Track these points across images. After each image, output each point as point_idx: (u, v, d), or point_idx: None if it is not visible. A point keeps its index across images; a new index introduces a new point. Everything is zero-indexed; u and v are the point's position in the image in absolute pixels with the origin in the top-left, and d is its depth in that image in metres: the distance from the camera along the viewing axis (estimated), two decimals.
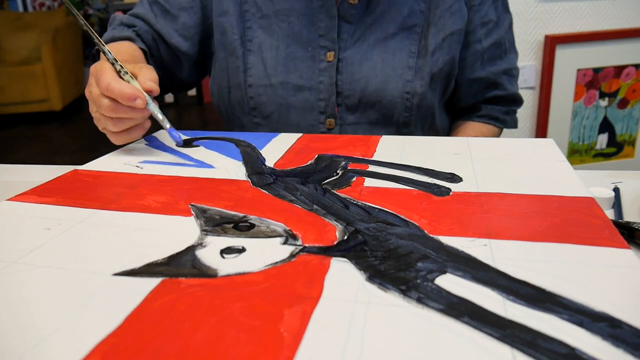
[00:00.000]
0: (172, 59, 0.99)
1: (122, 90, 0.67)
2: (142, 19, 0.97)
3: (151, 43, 0.96)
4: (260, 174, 0.63)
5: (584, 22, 1.85)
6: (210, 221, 0.51)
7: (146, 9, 0.97)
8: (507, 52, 0.99)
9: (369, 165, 0.65)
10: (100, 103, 0.70)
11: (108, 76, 0.69)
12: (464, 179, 0.60)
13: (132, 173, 0.66)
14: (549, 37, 1.82)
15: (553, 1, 1.81)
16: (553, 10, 1.82)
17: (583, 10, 1.84)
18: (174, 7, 0.95)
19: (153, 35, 0.96)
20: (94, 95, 0.71)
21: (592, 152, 2.01)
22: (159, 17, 0.96)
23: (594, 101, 1.95)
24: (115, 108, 0.69)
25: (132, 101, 0.68)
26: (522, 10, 1.79)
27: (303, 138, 0.78)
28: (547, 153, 0.69)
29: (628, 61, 1.92)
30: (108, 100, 0.69)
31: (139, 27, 0.96)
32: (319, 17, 0.90)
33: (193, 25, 0.96)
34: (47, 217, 0.53)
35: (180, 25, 0.95)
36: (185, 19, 0.95)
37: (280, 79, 0.91)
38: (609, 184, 0.67)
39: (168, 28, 0.95)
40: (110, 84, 0.68)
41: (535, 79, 1.87)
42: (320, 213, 0.52)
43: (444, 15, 0.91)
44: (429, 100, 0.92)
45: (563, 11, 1.82)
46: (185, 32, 0.96)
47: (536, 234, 0.46)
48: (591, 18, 1.85)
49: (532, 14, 1.80)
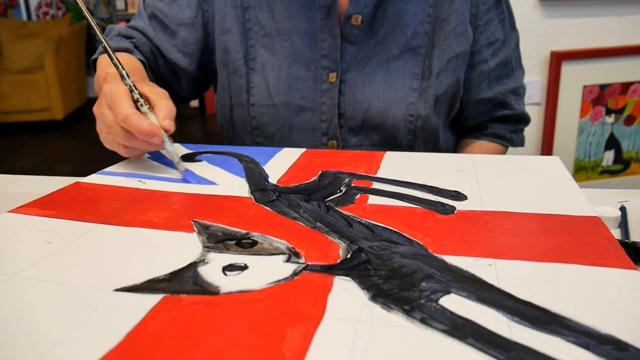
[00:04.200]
0: (170, 73, 0.98)
1: (140, 127, 0.64)
2: (140, 31, 0.96)
3: (149, 56, 0.95)
4: (263, 191, 0.63)
5: (590, 39, 1.85)
6: (213, 237, 0.50)
7: (145, 22, 0.96)
8: (514, 70, 0.99)
9: (373, 182, 0.65)
10: (115, 131, 0.67)
11: (126, 106, 0.65)
12: (469, 197, 0.60)
13: (134, 188, 0.65)
14: (554, 53, 1.82)
15: (559, 17, 1.81)
16: (559, 27, 1.82)
17: (589, 26, 1.84)
18: (173, 22, 0.94)
19: (151, 48, 0.95)
20: (107, 120, 0.68)
21: (598, 169, 2.00)
22: (157, 31, 0.95)
23: (600, 118, 1.94)
24: (130, 139, 0.67)
25: (149, 138, 0.65)
26: (528, 26, 1.79)
27: (307, 154, 0.78)
28: (553, 171, 0.68)
29: (635, 78, 1.91)
30: (123, 130, 0.66)
31: (137, 39, 0.95)
32: (321, 37, 0.90)
33: (193, 42, 0.95)
34: (49, 230, 0.53)
35: (179, 41, 0.94)
36: (185, 35, 0.94)
37: (283, 99, 0.90)
38: (616, 202, 0.67)
39: (167, 43, 0.95)
40: (129, 118, 0.64)
41: (541, 95, 1.87)
42: (323, 231, 0.51)
43: (448, 36, 0.90)
44: (433, 123, 0.91)
45: (569, 27, 1.82)
46: (185, 48, 0.95)
47: (541, 254, 0.46)
48: (597, 34, 1.85)
49: (538, 29, 1.80)
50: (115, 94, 0.67)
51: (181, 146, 0.83)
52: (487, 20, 0.93)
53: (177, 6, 0.94)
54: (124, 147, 0.69)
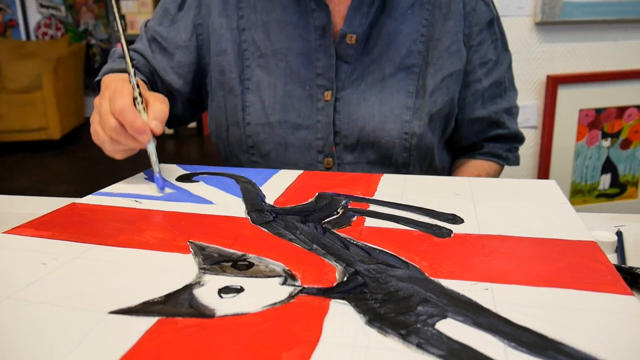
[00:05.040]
0: (167, 94, 0.98)
1: (133, 121, 0.68)
2: (140, 53, 0.98)
3: (149, 76, 0.97)
4: (260, 212, 0.63)
5: (586, 63, 1.87)
6: (209, 259, 0.50)
7: (144, 45, 0.98)
8: (507, 91, 1.00)
9: (370, 204, 0.65)
10: (106, 120, 0.70)
11: (125, 100, 0.69)
12: (466, 220, 0.60)
13: (131, 208, 0.65)
14: (551, 77, 1.83)
15: (555, 42, 1.82)
16: (555, 51, 1.83)
17: (584, 51, 1.85)
18: (171, 45, 0.96)
19: (150, 69, 0.98)
20: (102, 110, 0.71)
21: (595, 193, 2.01)
22: (156, 53, 0.97)
23: (597, 141, 1.95)
24: (119, 132, 0.70)
25: (138, 134, 0.68)
26: (524, 50, 1.81)
27: (304, 175, 0.78)
28: (550, 195, 0.68)
29: (630, 102, 1.92)
30: (115, 121, 0.69)
31: (137, 61, 0.97)
32: (316, 57, 0.91)
33: (187, 64, 0.97)
34: (43, 252, 0.53)
35: (175, 63, 0.96)
36: (181, 57, 0.96)
37: (279, 117, 0.91)
38: (612, 227, 0.67)
39: (164, 64, 0.96)
40: (125, 110, 0.68)
41: (537, 118, 1.88)
42: (319, 253, 0.51)
43: (442, 55, 0.91)
44: (427, 141, 0.91)
45: (565, 52, 1.84)
46: (180, 70, 0.96)
47: (538, 279, 0.46)
48: (593, 59, 1.86)
49: (534, 54, 1.82)
50: (119, 88, 0.70)
51: (178, 167, 0.83)
52: (480, 40, 0.94)
53: (175, 29, 0.96)
54: (110, 140, 0.71)
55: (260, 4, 0.93)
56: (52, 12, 5.46)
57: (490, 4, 0.97)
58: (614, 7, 1.80)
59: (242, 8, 0.93)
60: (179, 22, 0.96)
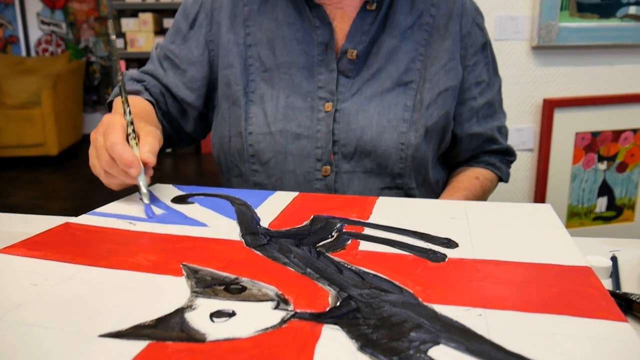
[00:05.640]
0: (179, 112, 1.02)
1: (122, 156, 0.70)
2: (150, 74, 1.01)
3: (159, 97, 1.00)
4: (255, 235, 0.63)
5: (582, 87, 1.88)
6: (202, 282, 0.50)
7: (155, 65, 1.02)
8: (497, 113, 1.06)
9: (365, 227, 0.65)
10: (101, 156, 0.73)
11: (116, 136, 0.71)
12: (460, 245, 0.59)
13: (125, 229, 0.65)
14: (547, 100, 1.84)
15: (551, 65, 1.84)
16: (551, 75, 1.84)
17: (580, 75, 1.86)
18: (184, 62, 1.00)
19: (161, 89, 1.00)
20: (97, 145, 0.73)
21: (591, 216, 2.01)
22: (168, 71, 1.00)
23: (593, 164, 1.95)
24: (111, 165, 0.72)
25: (127, 168, 0.71)
26: (520, 73, 1.82)
27: (299, 197, 0.78)
28: (545, 219, 0.68)
29: (626, 126, 1.93)
30: (108, 156, 0.71)
31: (147, 82, 1.00)
32: (318, 71, 0.94)
33: (200, 79, 1.00)
34: (35, 272, 0.52)
35: (187, 79, 0.99)
36: (193, 73, 0.99)
37: (280, 127, 0.93)
38: (607, 252, 0.67)
39: (176, 81, 0.99)
40: (115, 145, 0.70)
41: (534, 141, 1.89)
42: (313, 277, 0.51)
43: (439, 72, 0.95)
44: (422, 152, 0.94)
45: (561, 76, 1.85)
46: (192, 85, 0.99)
47: (532, 305, 0.45)
48: (589, 83, 1.88)
49: (531, 77, 1.83)
50: (112, 123, 0.73)
51: (174, 187, 0.83)
52: (475, 62, 0.99)
53: (187, 47, 1.00)
54: (105, 173, 0.74)
55: (267, 22, 0.96)
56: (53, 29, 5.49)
57: (484, 29, 1.02)
58: (609, 32, 1.82)
59: (249, 26, 0.97)
60: (191, 39, 1.00)
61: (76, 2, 5.48)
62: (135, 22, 4.77)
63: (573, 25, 1.79)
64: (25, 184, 4.25)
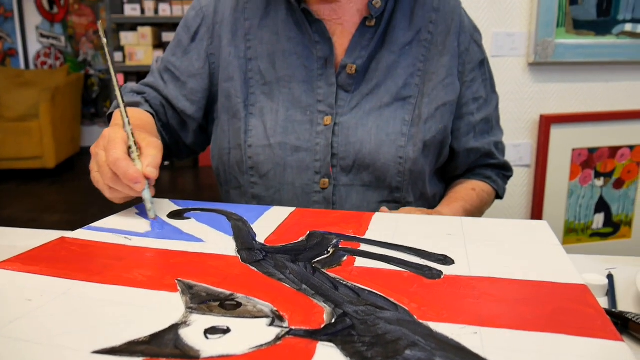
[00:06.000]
0: (179, 123, 1.03)
1: (126, 172, 0.70)
2: (151, 87, 1.03)
3: (159, 108, 1.01)
4: (250, 250, 0.63)
5: (578, 103, 1.89)
6: (196, 298, 0.50)
7: (156, 77, 1.03)
8: (494, 129, 1.07)
9: (361, 243, 0.65)
10: (104, 171, 0.72)
11: (118, 151, 0.71)
12: (456, 261, 0.59)
13: (120, 244, 0.65)
14: (544, 116, 1.85)
15: (548, 82, 1.85)
16: (548, 91, 1.85)
17: (577, 91, 1.88)
18: (184, 74, 1.01)
19: (161, 101, 1.01)
20: (99, 160, 0.73)
21: (588, 232, 2.01)
22: (168, 83, 1.01)
23: (590, 181, 1.96)
24: (115, 181, 0.72)
25: (132, 183, 0.71)
26: (517, 89, 1.83)
27: (296, 213, 0.78)
28: (541, 236, 0.68)
29: (623, 142, 1.94)
30: (111, 172, 0.71)
31: (147, 94, 1.01)
32: (318, 85, 0.95)
33: (200, 91, 1.01)
34: (29, 287, 0.52)
35: (188, 91, 1.00)
36: (194, 85, 1.00)
37: (279, 139, 0.94)
38: (603, 269, 0.67)
39: (176, 93, 1.00)
40: (118, 162, 0.70)
41: (531, 157, 1.89)
42: (308, 293, 0.51)
43: (437, 87, 0.96)
44: (420, 166, 0.95)
45: (557, 92, 1.86)
46: (192, 97, 1.00)
47: (528, 323, 0.45)
48: (585, 99, 1.89)
49: (527, 93, 1.84)
50: (113, 138, 0.73)
51: (170, 202, 0.83)
52: (472, 78, 1.00)
53: (188, 60, 1.01)
54: (108, 188, 0.74)
55: (267, 36, 0.97)
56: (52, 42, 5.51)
57: (481, 46, 1.03)
58: (605, 49, 1.84)
59: (250, 40, 0.98)
60: (192, 52, 1.01)
61: (75, 16, 5.51)
62: (134, 35, 4.80)
63: (569, 42, 1.80)
64: (22, 197, 4.24)
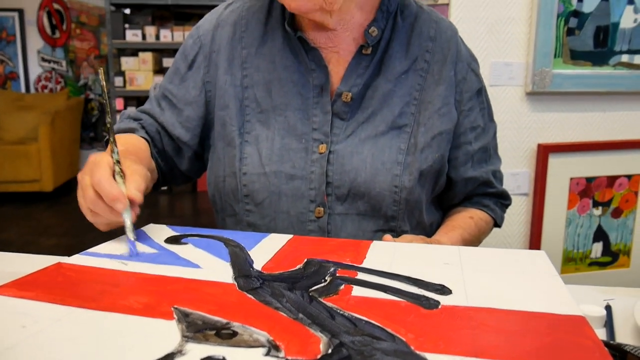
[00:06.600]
0: (174, 150, 1.04)
1: (109, 191, 0.71)
2: (148, 113, 1.04)
3: (155, 135, 1.02)
4: (247, 277, 0.62)
5: (576, 133, 1.90)
6: (192, 326, 0.49)
7: (152, 104, 1.04)
8: (492, 158, 1.07)
9: (358, 272, 0.65)
10: (86, 193, 0.73)
11: (102, 172, 0.72)
12: (454, 291, 0.59)
13: (117, 270, 0.65)
14: (541, 145, 1.85)
15: (545, 111, 1.86)
16: (545, 120, 1.87)
17: (574, 121, 1.89)
18: (181, 102, 1.01)
19: (157, 127, 1.02)
20: (84, 184, 0.74)
21: (587, 261, 2.00)
22: (165, 110, 1.02)
23: (588, 210, 1.96)
24: (96, 203, 0.73)
25: (113, 202, 0.71)
26: (515, 118, 1.84)
27: (293, 240, 0.78)
28: (539, 266, 0.68)
29: (620, 172, 1.95)
30: (94, 193, 0.73)
31: (144, 120, 1.02)
32: (313, 113, 0.95)
33: (196, 118, 1.01)
34: (24, 313, 0.52)
35: (184, 118, 1.01)
36: (190, 113, 1.01)
37: (274, 168, 0.94)
38: (601, 300, 0.67)
39: (173, 120, 1.01)
40: (101, 181, 0.71)
41: (529, 186, 1.89)
42: (305, 323, 0.51)
43: (432, 116, 0.95)
44: (416, 195, 0.94)
45: (555, 121, 1.87)
46: (188, 124, 1.01)
47: (525, 355, 0.45)
48: (582, 129, 1.90)
49: (525, 122, 1.85)
50: (98, 162, 0.75)
51: (168, 228, 0.83)
52: (470, 107, 1.00)
53: (184, 87, 1.02)
54: (90, 211, 0.75)
55: (264, 64, 0.98)
56: (53, 66, 5.55)
57: (479, 75, 1.04)
58: (602, 79, 1.85)
59: (246, 68, 0.98)
60: (189, 80, 1.02)
61: (77, 40, 5.56)
62: (135, 61, 4.84)
63: (567, 72, 1.82)
64: (19, 220, 4.23)
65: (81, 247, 0.73)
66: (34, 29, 5.47)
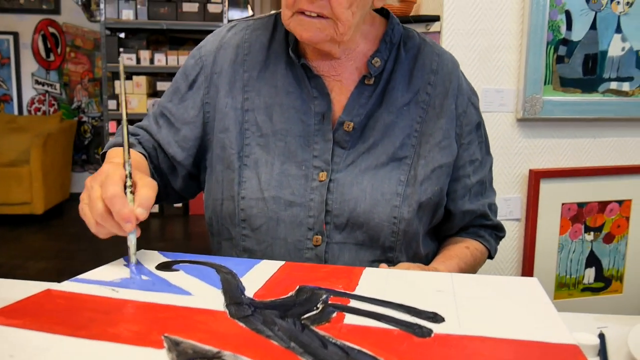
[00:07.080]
0: (169, 167, 1.03)
1: (121, 210, 0.71)
2: (145, 129, 1.04)
3: (151, 151, 1.01)
4: (239, 305, 0.62)
5: (567, 159, 1.91)
6: (182, 355, 0.49)
7: (150, 121, 1.04)
8: (487, 191, 1.07)
9: (351, 299, 0.64)
10: (94, 205, 0.73)
11: (116, 188, 0.72)
12: (447, 319, 0.59)
13: (107, 297, 0.64)
14: (533, 171, 1.86)
15: (536, 137, 1.87)
16: (536, 146, 1.88)
17: (565, 147, 1.90)
18: (179, 121, 1.01)
19: (153, 144, 1.02)
20: (92, 194, 0.74)
21: (580, 286, 2.00)
22: (162, 128, 1.02)
23: (580, 235, 1.96)
24: (105, 217, 0.72)
25: (123, 222, 0.71)
26: (507, 144, 1.85)
27: (286, 266, 0.78)
28: (532, 293, 0.68)
29: (611, 197, 1.96)
30: (103, 207, 0.72)
31: (141, 136, 1.02)
32: (314, 140, 0.95)
33: (192, 139, 1.01)
34: (12, 342, 0.51)
35: (180, 137, 1.01)
36: (186, 132, 1.00)
37: (273, 193, 0.93)
38: (595, 328, 0.66)
39: (169, 138, 1.01)
40: (115, 198, 0.71)
41: (521, 211, 1.90)
42: (297, 351, 0.50)
43: (433, 149, 0.96)
44: (414, 227, 0.94)
45: (546, 147, 1.88)
46: (184, 144, 1.01)
47: None
48: (573, 155, 1.91)
49: (517, 148, 1.86)
50: (112, 174, 0.74)
51: (159, 254, 0.82)
52: (469, 140, 1.01)
53: (183, 107, 1.02)
54: (95, 223, 0.74)
55: (266, 88, 0.98)
56: (47, 89, 5.56)
57: (478, 109, 1.04)
58: (592, 106, 1.87)
59: (248, 91, 0.98)
60: (188, 100, 1.01)
61: (71, 64, 5.58)
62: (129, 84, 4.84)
63: (557, 99, 1.84)
64: (8, 243, 4.19)
65: (70, 270, 0.72)
66: (29, 52, 5.47)
